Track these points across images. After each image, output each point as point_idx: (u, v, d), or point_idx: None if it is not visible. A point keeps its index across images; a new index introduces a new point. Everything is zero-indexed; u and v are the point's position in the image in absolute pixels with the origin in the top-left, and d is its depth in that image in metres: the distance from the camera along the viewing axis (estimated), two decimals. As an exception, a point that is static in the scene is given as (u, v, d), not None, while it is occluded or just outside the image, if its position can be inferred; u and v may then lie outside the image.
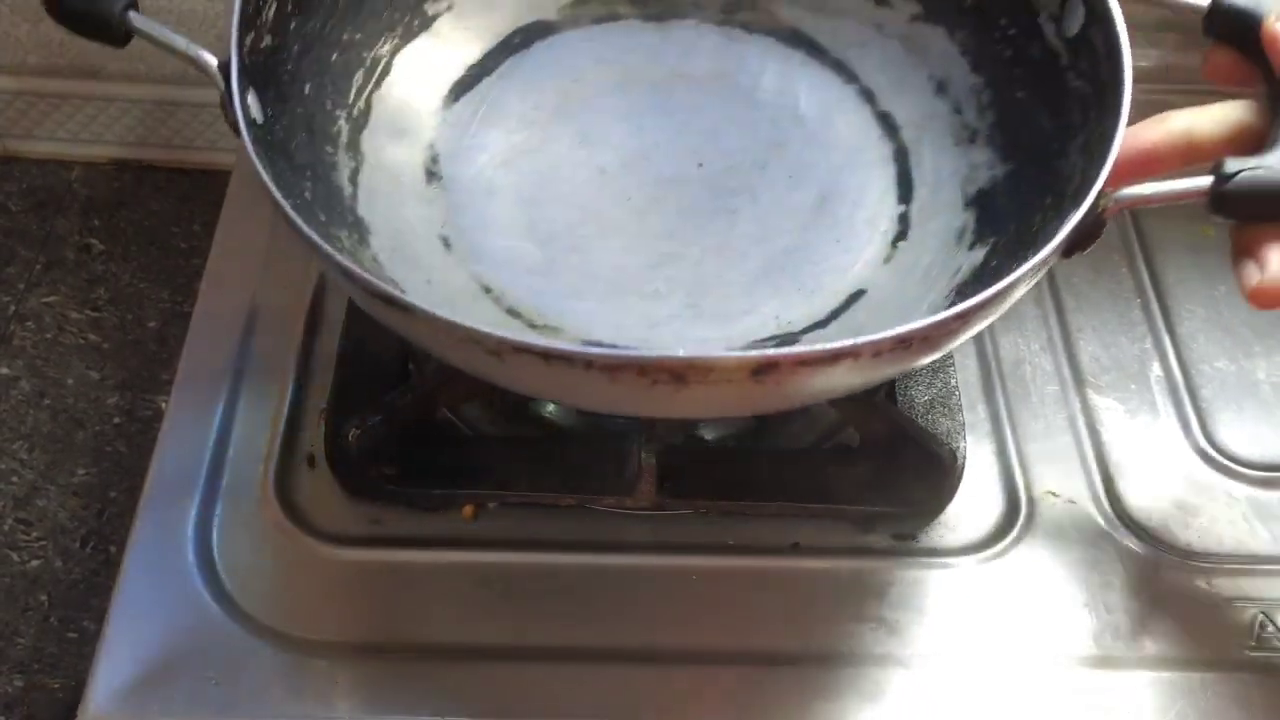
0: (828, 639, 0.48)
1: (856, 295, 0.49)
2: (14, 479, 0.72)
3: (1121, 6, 0.44)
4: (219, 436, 0.52)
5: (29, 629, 0.68)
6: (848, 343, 0.36)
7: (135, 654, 0.46)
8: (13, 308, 0.79)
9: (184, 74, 0.46)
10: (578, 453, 0.52)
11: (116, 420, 0.75)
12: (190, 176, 0.85)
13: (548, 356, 0.36)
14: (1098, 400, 0.56)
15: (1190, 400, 0.56)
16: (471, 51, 0.55)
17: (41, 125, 0.83)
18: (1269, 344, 0.58)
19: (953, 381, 0.54)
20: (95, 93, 0.81)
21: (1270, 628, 0.49)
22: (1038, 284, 0.46)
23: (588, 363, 0.36)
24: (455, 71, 0.55)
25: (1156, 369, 0.57)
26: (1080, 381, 0.57)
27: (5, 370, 0.76)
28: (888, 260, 0.50)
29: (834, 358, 0.36)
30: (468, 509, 0.51)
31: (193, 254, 0.82)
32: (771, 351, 0.35)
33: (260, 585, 0.48)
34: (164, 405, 0.55)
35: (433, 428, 0.52)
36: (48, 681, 0.66)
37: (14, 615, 0.68)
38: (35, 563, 0.70)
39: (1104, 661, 0.48)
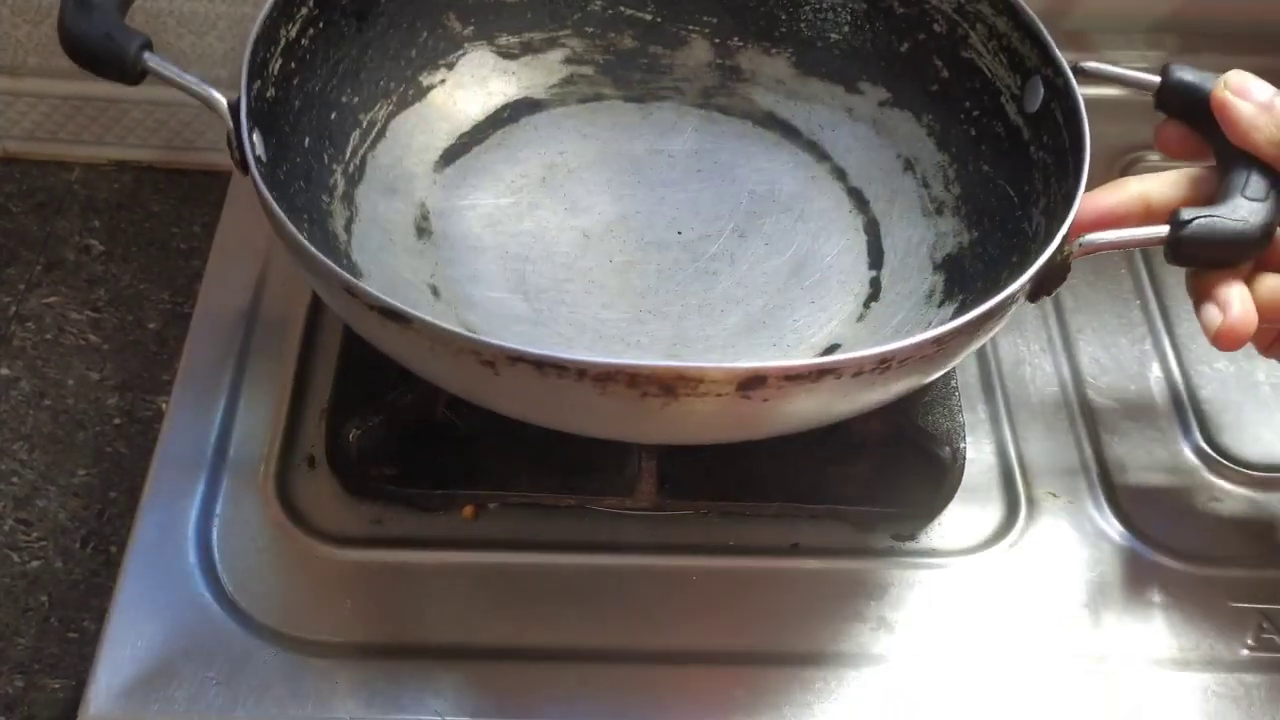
0: (827, 639, 0.48)
1: (831, 349, 0.51)
2: (14, 479, 0.72)
3: (1078, 83, 0.46)
4: (219, 437, 0.52)
5: (29, 629, 0.67)
6: (830, 359, 0.38)
7: (135, 654, 0.46)
8: (13, 308, 0.79)
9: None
10: (578, 453, 0.52)
11: (117, 421, 0.75)
12: (190, 177, 0.85)
13: (541, 365, 0.37)
14: (1097, 401, 0.56)
15: (1190, 401, 0.56)
16: (463, 122, 0.58)
17: (42, 126, 0.83)
18: (1269, 345, 0.58)
19: (953, 382, 0.54)
20: (95, 94, 0.80)
21: (1270, 628, 0.49)
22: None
23: (580, 371, 0.37)
24: (447, 139, 0.58)
25: (1156, 370, 0.58)
26: (1080, 382, 0.57)
27: (5, 371, 0.76)
28: (861, 319, 0.53)
29: (818, 373, 0.38)
30: (468, 509, 0.51)
31: (193, 255, 0.82)
32: (758, 364, 0.37)
33: (260, 585, 0.48)
34: (164, 406, 0.55)
35: (433, 428, 0.52)
36: (48, 682, 0.66)
37: (14, 615, 0.68)
38: (35, 563, 0.70)
39: (1104, 661, 0.48)
